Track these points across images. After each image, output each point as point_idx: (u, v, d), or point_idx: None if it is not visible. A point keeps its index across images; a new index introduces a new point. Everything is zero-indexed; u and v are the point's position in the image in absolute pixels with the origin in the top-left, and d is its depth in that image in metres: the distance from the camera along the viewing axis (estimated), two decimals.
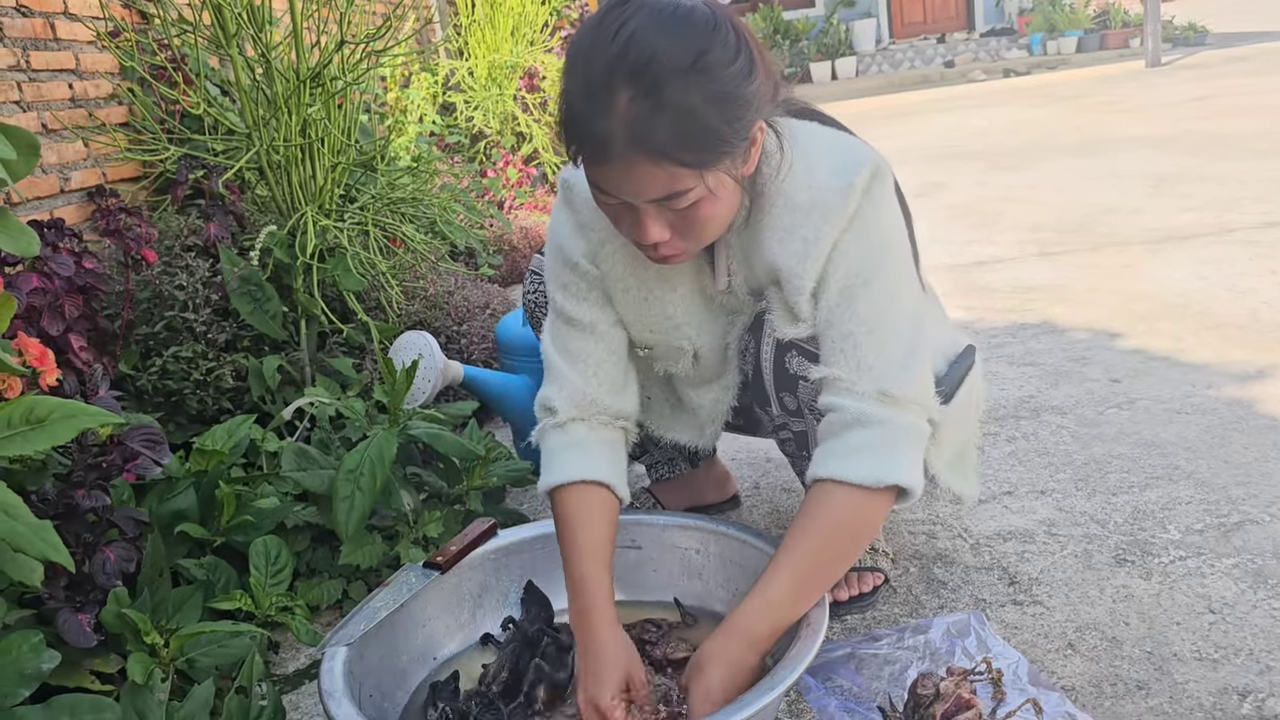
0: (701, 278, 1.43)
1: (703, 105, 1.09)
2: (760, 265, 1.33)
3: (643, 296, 1.42)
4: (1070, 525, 1.70)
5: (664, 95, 1.08)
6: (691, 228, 1.21)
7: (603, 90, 1.09)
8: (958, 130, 7.32)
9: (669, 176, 1.13)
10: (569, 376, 1.44)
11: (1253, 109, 6.39)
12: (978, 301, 3.06)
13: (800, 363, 1.35)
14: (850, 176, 1.25)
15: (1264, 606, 1.41)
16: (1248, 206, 3.77)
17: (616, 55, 1.09)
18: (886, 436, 1.25)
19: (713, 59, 1.10)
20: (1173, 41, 12.82)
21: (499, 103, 5.35)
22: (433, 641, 1.46)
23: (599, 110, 1.10)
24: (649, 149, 1.10)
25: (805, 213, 1.26)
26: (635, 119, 1.08)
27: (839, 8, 14.80)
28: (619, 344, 1.46)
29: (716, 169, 1.15)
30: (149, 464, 1.42)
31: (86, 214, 2.37)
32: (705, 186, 1.15)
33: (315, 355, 2.23)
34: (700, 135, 1.11)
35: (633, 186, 1.14)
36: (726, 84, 1.11)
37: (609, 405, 1.44)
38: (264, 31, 2.12)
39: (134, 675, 1.20)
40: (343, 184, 2.33)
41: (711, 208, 1.19)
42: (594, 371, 1.44)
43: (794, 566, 1.23)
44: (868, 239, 1.26)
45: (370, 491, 1.61)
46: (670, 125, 1.08)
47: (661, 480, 1.86)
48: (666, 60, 1.08)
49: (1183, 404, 2.11)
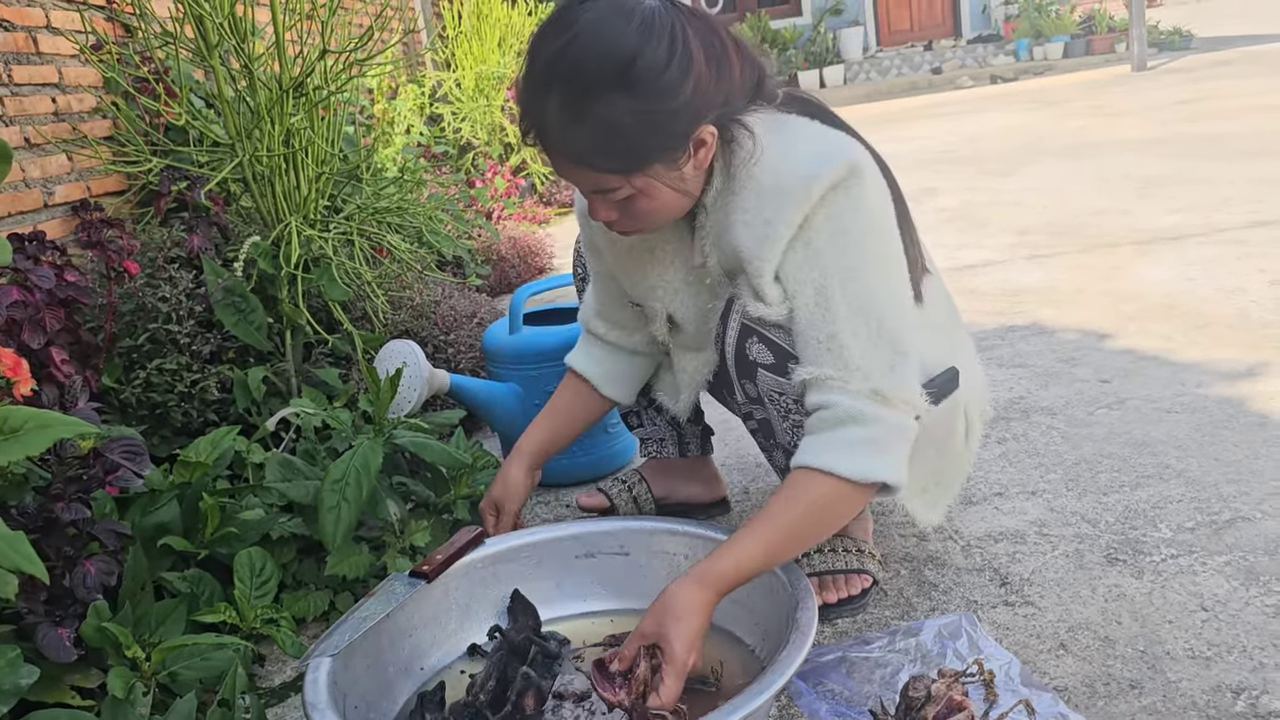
0: (684, 249, 1.47)
1: (625, 118, 1.18)
2: (728, 247, 1.35)
3: (625, 254, 1.53)
4: (1061, 525, 1.69)
5: (586, 106, 1.17)
6: (633, 217, 1.31)
7: (538, 91, 1.20)
8: (946, 136, 7.34)
9: (594, 178, 1.25)
10: (587, 305, 1.70)
11: (1238, 111, 6.41)
12: (968, 304, 3.06)
13: (760, 350, 1.36)
14: (819, 167, 1.25)
15: (1256, 603, 1.40)
16: (1235, 207, 3.78)
17: (554, 55, 1.18)
18: (879, 434, 1.26)
19: (641, 69, 1.16)
20: (1158, 46, 12.87)
21: (486, 113, 5.35)
22: (419, 651, 1.44)
23: (535, 108, 1.22)
24: (571, 156, 1.22)
25: (769, 197, 1.28)
26: (559, 126, 1.20)
27: (826, 16, 14.84)
28: None
29: (643, 174, 1.24)
30: (130, 476, 1.40)
31: (70, 228, 2.35)
32: (632, 187, 1.25)
33: (301, 366, 2.21)
34: (620, 147, 1.21)
35: (566, 175, 1.28)
36: (652, 99, 1.18)
37: (615, 339, 1.66)
38: (246, 42, 2.11)
39: (114, 690, 1.19)
40: (327, 194, 2.32)
41: (646, 203, 1.29)
42: (607, 310, 1.66)
43: (767, 537, 1.26)
44: (844, 240, 1.26)
45: (356, 502, 1.59)
46: (590, 137, 1.19)
47: (650, 458, 1.87)
48: (595, 69, 1.16)
49: (1173, 403, 2.11)
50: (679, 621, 1.18)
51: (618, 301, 1.64)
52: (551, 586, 1.54)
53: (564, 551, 1.56)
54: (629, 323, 1.66)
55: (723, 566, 1.23)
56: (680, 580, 1.23)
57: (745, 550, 1.24)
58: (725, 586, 1.23)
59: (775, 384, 1.36)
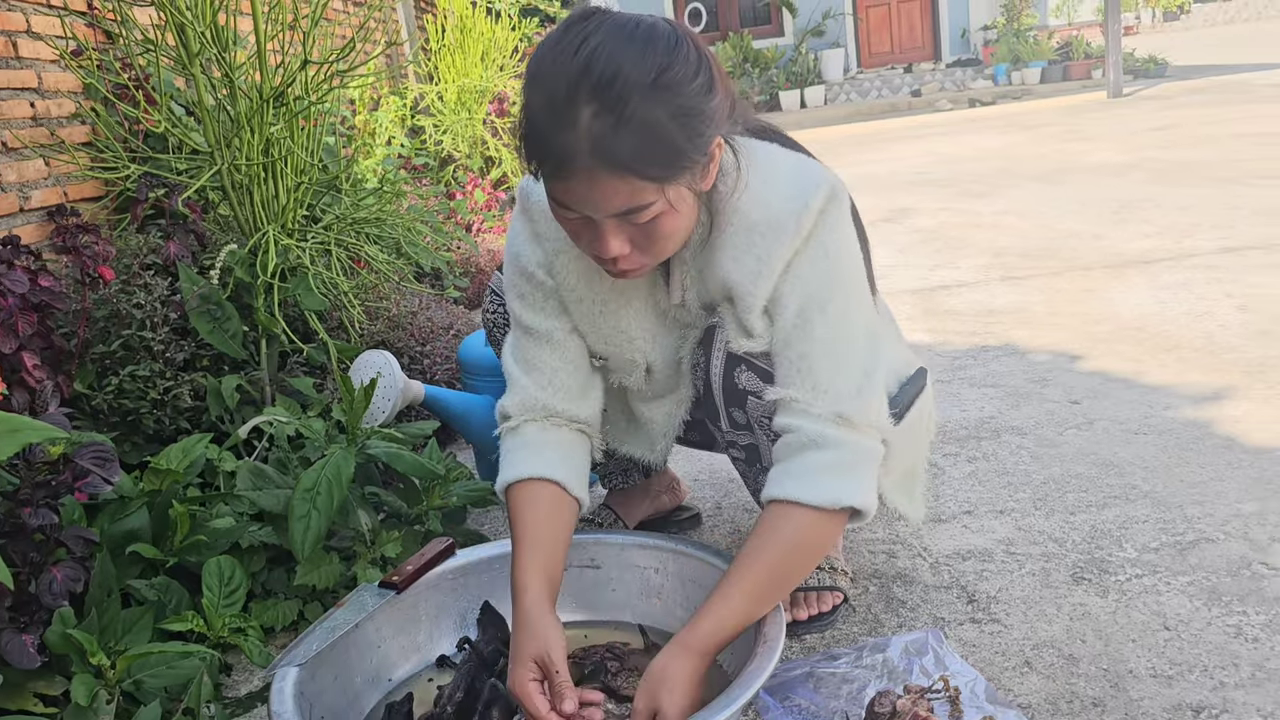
0: (656, 292, 1.43)
1: (666, 120, 1.10)
2: (714, 282, 1.34)
3: (597, 310, 1.43)
4: (1029, 544, 1.70)
5: (627, 110, 1.08)
6: (652, 242, 1.21)
7: (566, 105, 1.09)
8: (924, 158, 7.40)
9: (631, 190, 1.13)
10: (524, 384, 1.45)
11: (1212, 139, 6.50)
12: (942, 324, 3.09)
13: (750, 378, 1.36)
14: (806, 198, 1.26)
15: (1218, 624, 1.42)
16: (1206, 232, 3.83)
17: (580, 70, 1.09)
18: (843, 459, 1.26)
19: (675, 75, 1.11)
20: (1134, 73, 13.05)
21: (468, 127, 5.36)
22: (387, 662, 1.44)
23: (562, 125, 1.10)
24: (612, 163, 1.10)
25: (760, 232, 1.27)
26: (598, 134, 1.08)
27: (808, 37, 14.98)
28: (576, 352, 1.47)
29: (677, 183, 1.16)
30: (99, 482, 1.39)
31: (46, 233, 2.34)
32: (666, 200, 1.16)
33: (276, 375, 2.21)
34: (663, 150, 1.12)
35: (595, 200, 1.14)
36: (688, 99, 1.12)
37: (564, 410, 1.44)
38: (228, 51, 2.11)
39: (78, 697, 1.18)
40: (306, 204, 2.32)
41: (672, 222, 1.19)
42: (549, 379, 1.45)
43: (747, 585, 1.24)
44: (825, 263, 1.28)
45: (327, 511, 1.59)
46: (633, 140, 1.09)
47: (617, 490, 1.85)
48: (629, 76, 1.08)
49: (1140, 425, 2.14)
50: (673, 694, 1.17)
51: (572, 366, 1.46)
52: None
53: None
54: (581, 388, 1.48)
55: (707, 627, 1.22)
56: (667, 651, 1.21)
57: (727, 605, 1.23)
58: (712, 646, 1.22)
59: (766, 409, 1.35)
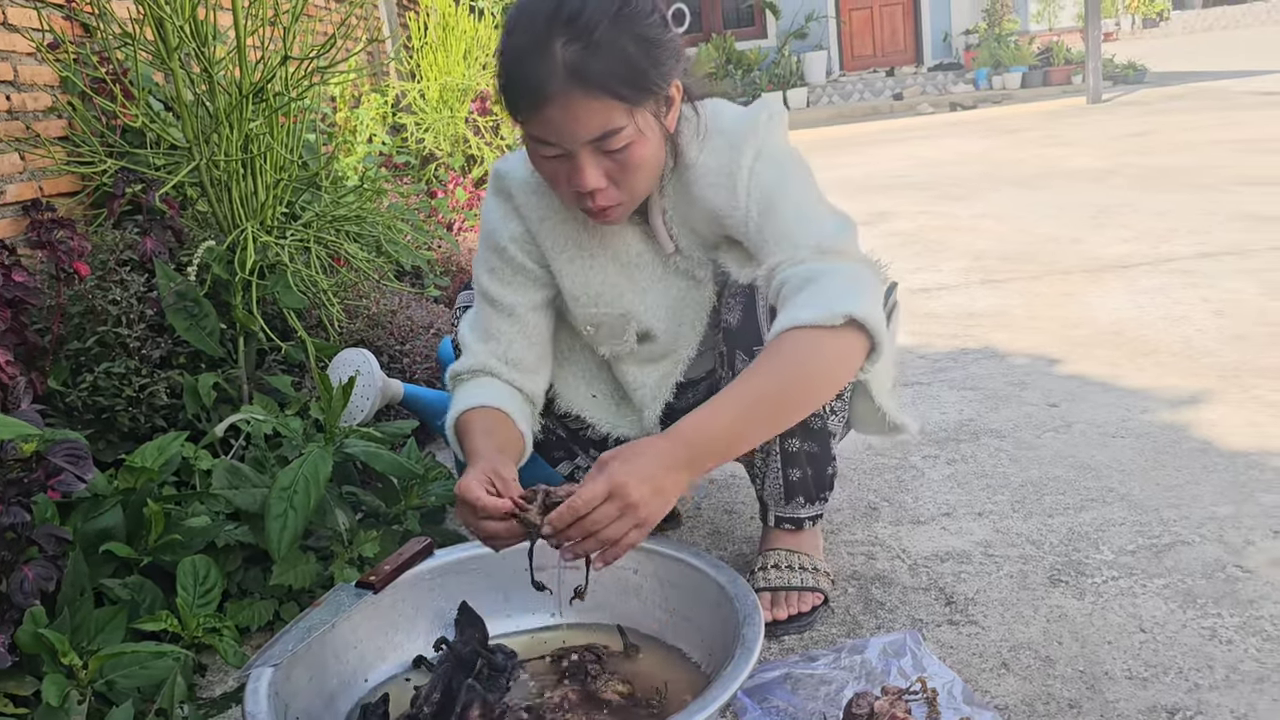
0: (648, 245, 1.50)
1: (630, 45, 1.24)
2: (697, 216, 1.45)
3: (587, 264, 1.50)
4: (1006, 546, 1.71)
5: (594, 36, 1.21)
6: (626, 173, 1.31)
7: (540, 41, 1.22)
8: (905, 161, 7.43)
9: (605, 110, 1.24)
10: (477, 350, 1.52)
11: (1189, 145, 6.56)
12: (921, 327, 3.10)
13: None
14: (754, 114, 1.42)
15: (1193, 626, 1.43)
16: (1183, 237, 3.87)
17: (552, 11, 1.23)
18: (836, 280, 1.30)
19: (635, 8, 1.25)
20: (1113, 79, 13.14)
21: (450, 125, 5.34)
22: (364, 663, 1.43)
23: (537, 58, 1.22)
24: (584, 83, 1.22)
25: (722, 152, 1.41)
26: (570, 59, 1.21)
27: (791, 39, 15.00)
28: (536, 330, 1.54)
29: (644, 108, 1.28)
30: (72, 480, 1.38)
31: (20, 228, 2.31)
32: (636, 127, 1.27)
33: (253, 373, 2.19)
34: (629, 71, 1.24)
35: (570, 127, 1.25)
36: (648, 30, 1.26)
37: (513, 380, 1.50)
38: (207, 46, 2.09)
39: (49, 697, 1.17)
40: (285, 200, 2.30)
41: (642, 150, 1.30)
42: (505, 349, 1.51)
43: (738, 395, 1.24)
44: (776, 165, 1.40)
45: (304, 510, 1.58)
46: (602, 62, 1.22)
47: None
48: (595, 7, 1.22)
49: (1118, 428, 2.15)
50: (627, 462, 1.16)
51: (528, 341, 1.52)
52: (500, 599, 1.54)
53: (513, 564, 1.55)
54: (533, 365, 1.54)
55: (689, 421, 1.21)
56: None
57: (712, 409, 1.22)
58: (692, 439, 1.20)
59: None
